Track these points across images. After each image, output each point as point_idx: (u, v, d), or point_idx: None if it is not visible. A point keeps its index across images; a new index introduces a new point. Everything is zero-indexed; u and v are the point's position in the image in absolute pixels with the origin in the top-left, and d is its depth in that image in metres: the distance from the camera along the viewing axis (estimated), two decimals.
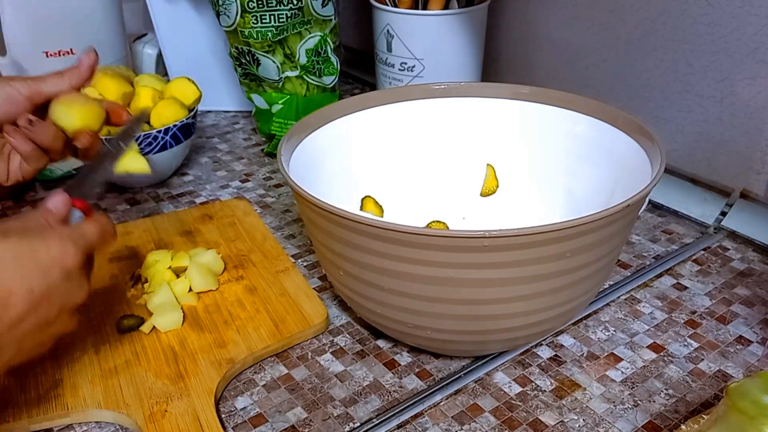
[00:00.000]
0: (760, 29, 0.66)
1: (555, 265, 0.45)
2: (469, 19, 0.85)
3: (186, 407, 0.50)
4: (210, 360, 0.54)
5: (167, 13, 0.95)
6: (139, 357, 0.55)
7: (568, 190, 0.63)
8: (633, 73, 0.79)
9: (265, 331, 0.57)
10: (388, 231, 0.44)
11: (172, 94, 0.80)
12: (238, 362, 0.54)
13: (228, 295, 0.62)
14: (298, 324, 0.58)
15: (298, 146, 0.58)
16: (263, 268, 0.65)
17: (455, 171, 0.68)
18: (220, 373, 0.53)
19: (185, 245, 0.69)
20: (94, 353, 0.56)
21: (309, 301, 0.61)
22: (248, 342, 0.56)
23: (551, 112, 0.63)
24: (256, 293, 0.62)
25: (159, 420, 0.49)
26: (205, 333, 0.57)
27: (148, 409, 0.50)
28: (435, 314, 0.48)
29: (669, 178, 0.77)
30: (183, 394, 0.51)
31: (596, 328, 0.59)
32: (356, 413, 0.51)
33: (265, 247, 0.69)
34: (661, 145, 0.52)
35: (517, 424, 0.49)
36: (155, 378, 0.53)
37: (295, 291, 0.62)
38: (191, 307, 0.60)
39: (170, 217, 0.74)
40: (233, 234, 0.71)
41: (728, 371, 0.54)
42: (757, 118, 0.69)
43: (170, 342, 0.57)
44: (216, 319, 0.59)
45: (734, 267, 0.66)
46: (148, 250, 0.67)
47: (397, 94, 0.66)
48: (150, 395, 0.51)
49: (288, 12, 0.80)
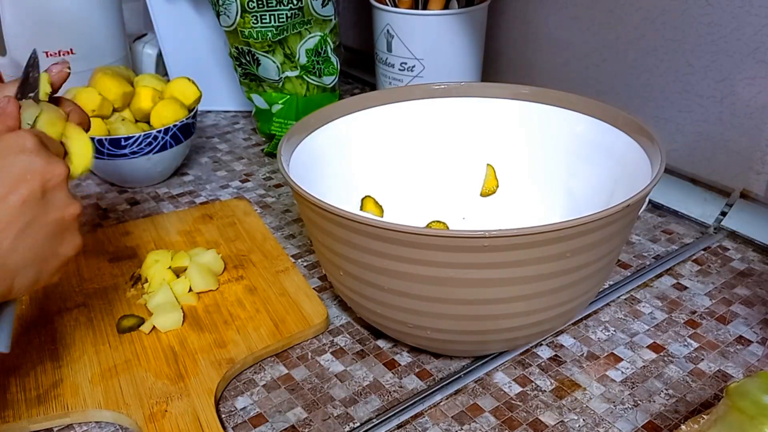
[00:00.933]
0: (760, 29, 0.66)
1: (555, 265, 0.45)
2: (469, 19, 0.85)
3: (186, 407, 0.50)
4: (210, 360, 0.54)
5: (167, 13, 0.95)
6: (139, 357, 0.55)
7: (568, 190, 0.63)
8: (633, 73, 0.79)
9: (265, 331, 0.57)
10: (388, 231, 0.44)
11: (172, 94, 0.80)
12: (238, 362, 0.54)
13: (228, 295, 0.62)
14: (298, 324, 0.58)
15: (298, 146, 0.58)
16: (263, 268, 0.65)
17: (455, 171, 0.68)
18: (220, 373, 0.53)
19: (185, 245, 0.69)
20: (94, 353, 0.56)
21: (309, 301, 0.61)
22: (248, 342, 0.56)
23: (551, 112, 0.63)
24: (256, 293, 0.62)
25: (159, 420, 0.49)
26: (205, 333, 0.57)
27: (148, 409, 0.50)
28: (435, 314, 0.48)
29: (669, 178, 0.77)
30: (183, 394, 0.51)
31: (596, 328, 0.59)
32: (356, 413, 0.51)
33: (265, 247, 0.69)
34: (661, 145, 0.52)
35: (517, 424, 0.49)
36: (155, 378, 0.53)
37: (295, 291, 0.62)
38: (191, 307, 0.60)
39: (170, 217, 0.74)
40: (233, 234, 0.71)
41: (728, 371, 0.54)
42: (757, 118, 0.69)
43: (170, 342, 0.57)
44: (216, 319, 0.59)
45: (734, 267, 0.66)
46: (148, 250, 0.67)
47: (397, 94, 0.66)
48: (150, 395, 0.51)
49: (288, 12, 0.80)
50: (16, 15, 0.88)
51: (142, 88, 0.80)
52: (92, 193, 0.82)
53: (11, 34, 0.89)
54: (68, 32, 0.91)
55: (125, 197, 0.81)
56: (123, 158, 0.77)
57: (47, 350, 0.56)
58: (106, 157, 0.76)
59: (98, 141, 0.75)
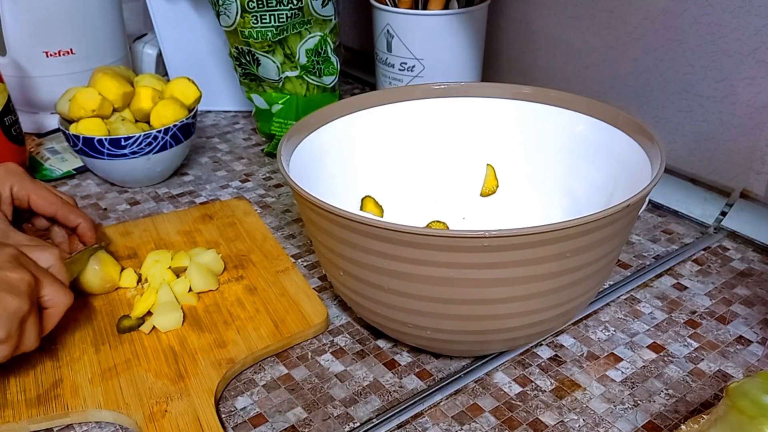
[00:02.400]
0: (760, 29, 0.66)
1: (555, 265, 0.45)
2: (469, 19, 0.85)
3: (186, 407, 0.50)
4: (210, 360, 0.54)
5: (167, 13, 0.95)
6: (139, 357, 0.55)
7: (568, 190, 0.63)
8: (633, 73, 0.79)
9: (265, 331, 0.57)
10: (389, 231, 0.44)
11: (172, 94, 0.80)
12: (238, 362, 0.54)
13: (228, 295, 0.62)
14: (298, 324, 0.58)
15: (298, 146, 0.58)
16: (263, 268, 0.65)
17: (455, 171, 0.68)
18: (220, 373, 0.53)
19: (185, 245, 0.69)
20: (94, 353, 0.56)
21: (309, 301, 0.61)
22: (248, 342, 0.56)
23: (551, 112, 0.63)
24: (256, 293, 0.62)
25: (159, 420, 0.49)
26: (205, 333, 0.57)
27: (148, 408, 0.50)
28: (435, 314, 0.48)
29: (669, 178, 0.77)
30: (183, 394, 0.51)
31: (596, 328, 0.59)
32: (356, 413, 0.51)
33: (265, 247, 0.69)
34: (661, 144, 0.52)
35: (517, 424, 0.49)
36: (155, 378, 0.53)
37: (295, 291, 0.62)
38: (191, 307, 0.60)
39: (170, 217, 0.74)
40: (233, 234, 0.71)
41: (728, 371, 0.54)
42: (757, 118, 0.69)
43: (170, 342, 0.57)
44: (216, 319, 0.59)
45: (734, 267, 0.66)
46: (148, 250, 0.67)
47: (397, 94, 0.65)
48: (150, 395, 0.51)
49: (288, 12, 0.80)
50: (16, 15, 0.88)
51: (142, 88, 0.80)
52: (92, 193, 0.82)
53: (11, 34, 0.89)
54: (68, 32, 0.91)
55: (125, 197, 0.81)
56: (123, 158, 0.77)
57: (47, 350, 0.56)
58: (106, 157, 0.76)
59: (98, 141, 0.75)
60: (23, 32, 0.89)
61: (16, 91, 0.91)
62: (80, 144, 0.76)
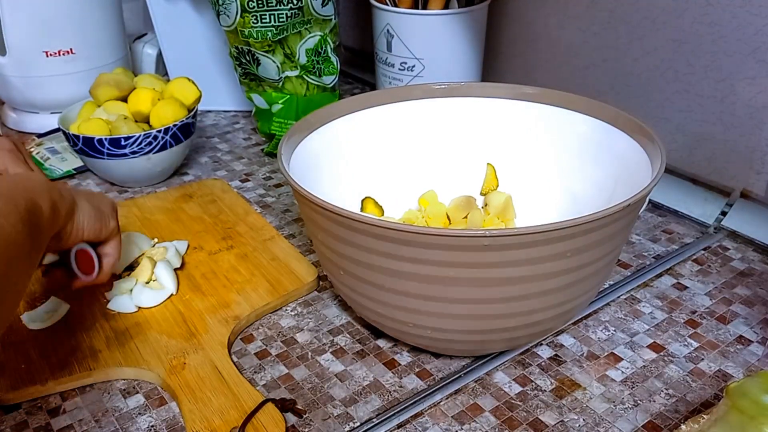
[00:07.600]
0: (760, 29, 0.66)
1: (555, 265, 0.45)
2: (469, 19, 0.85)
3: (203, 359, 0.54)
4: (217, 318, 0.59)
5: (167, 13, 0.95)
6: (149, 321, 0.59)
7: (569, 190, 0.63)
8: (633, 73, 0.79)
9: (263, 290, 0.62)
10: (389, 230, 0.44)
11: (172, 93, 0.80)
12: (243, 318, 0.59)
13: (222, 263, 0.66)
14: (292, 283, 0.63)
15: (298, 146, 0.58)
16: (250, 237, 0.70)
17: (455, 171, 0.68)
18: (228, 329, 0.57)
19: (170, 224, 0.72)
20: (105, 321, 0.59)
21: (299, 263, 0.65)
22: (249, 301, 0.61)
23: (551, 112, 0.63)
24: (248, 259, 0.66)
25: (180, 372, 0.53)
26: (207, 297, 0.61)
27: (168, 363, 0.54)
28: (435, 314, 0.48)
29: (669, 178, 0.77)
30: (198, 348, 0.55)
31: (596, 327, 0.59)
32: (356, 413, 0.51)
33: (248, 220, 0.73)
34: (661, 144, 0.52)
35: (517, 424, 0.49)
36: (168, 338, 0.57)
37: (284, 256, 0.67)
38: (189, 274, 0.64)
39: (151, 198, 0.78)
40: (216, 210, 0.75)
41: (728, 371, 0.54)
42: (757, 118, 0.69)
43: (176, 306, 0.61)
44: (215, 284, 0.63)
45: (734, 267, 0.66)
46: (135, 229, 0.70)
47: (397, 94, 0.66)
48: (167, 352, 0.55)
49: (288, 12, 0.80)
50: (16, 15, 0.88)
51: (142, 88, 0.80)
52: None
53: (11, 34, 0.89)
54: (68, 32, 0.91)
55: (125, 197, 0.81)
56: (123, 158, 0.77)
57: (59, 322, 0.59)
58: (106, 157, 0.76)
59: (98, 141, 0.75)
60: (23, 32, 0.89)
61: (16, 91, 0.91)
62: (80, 144, 0.76)
